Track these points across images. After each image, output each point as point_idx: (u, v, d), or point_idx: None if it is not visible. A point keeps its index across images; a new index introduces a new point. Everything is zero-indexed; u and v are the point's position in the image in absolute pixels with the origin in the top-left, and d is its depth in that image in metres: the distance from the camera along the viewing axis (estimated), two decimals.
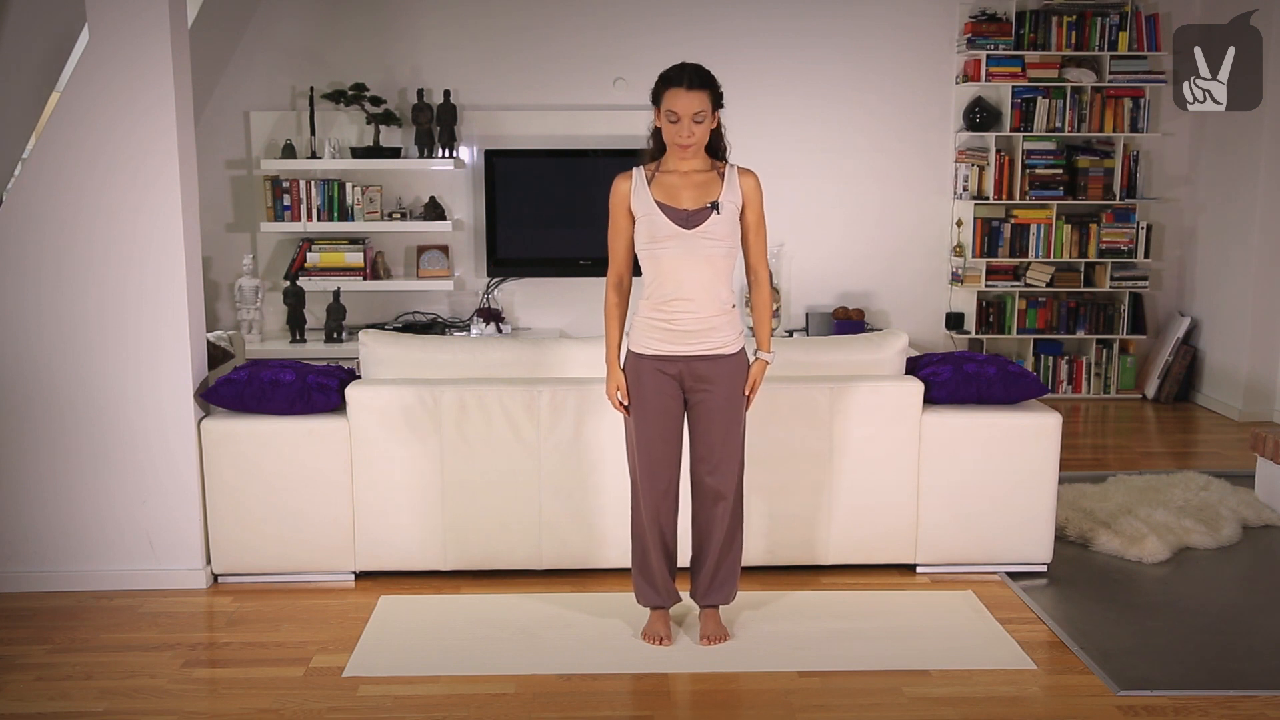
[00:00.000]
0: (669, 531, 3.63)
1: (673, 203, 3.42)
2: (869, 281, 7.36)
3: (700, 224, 3.40)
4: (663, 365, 3.49)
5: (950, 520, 4.18)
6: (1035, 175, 7.11)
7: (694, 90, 3.36)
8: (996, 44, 7.00)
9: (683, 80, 3.37)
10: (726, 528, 3.60)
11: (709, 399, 3.51)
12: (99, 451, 4.08)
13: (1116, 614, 3.91)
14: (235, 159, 7.04)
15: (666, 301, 3.45)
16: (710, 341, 3.47)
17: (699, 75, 3.39)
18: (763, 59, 7.13)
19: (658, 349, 3.48)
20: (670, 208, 3.41)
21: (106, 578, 4.12)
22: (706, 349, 3.47)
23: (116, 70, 3.92)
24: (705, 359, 3.48)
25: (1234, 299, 6.89)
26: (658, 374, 3.49)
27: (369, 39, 7.02)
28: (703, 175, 3.46)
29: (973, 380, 4.16)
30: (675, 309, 3.44)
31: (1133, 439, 6.41)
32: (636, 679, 3.46)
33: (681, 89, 3.36)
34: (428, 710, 3.27)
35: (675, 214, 3.41)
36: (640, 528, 3.61)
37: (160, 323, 4.04)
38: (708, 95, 3.39)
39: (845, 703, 3.31)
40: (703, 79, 3.39)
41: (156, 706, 3.31)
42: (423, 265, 7.10)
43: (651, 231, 3.42)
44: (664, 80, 3.42)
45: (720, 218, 3.41)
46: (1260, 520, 4.82)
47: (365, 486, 4.08)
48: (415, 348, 4.22)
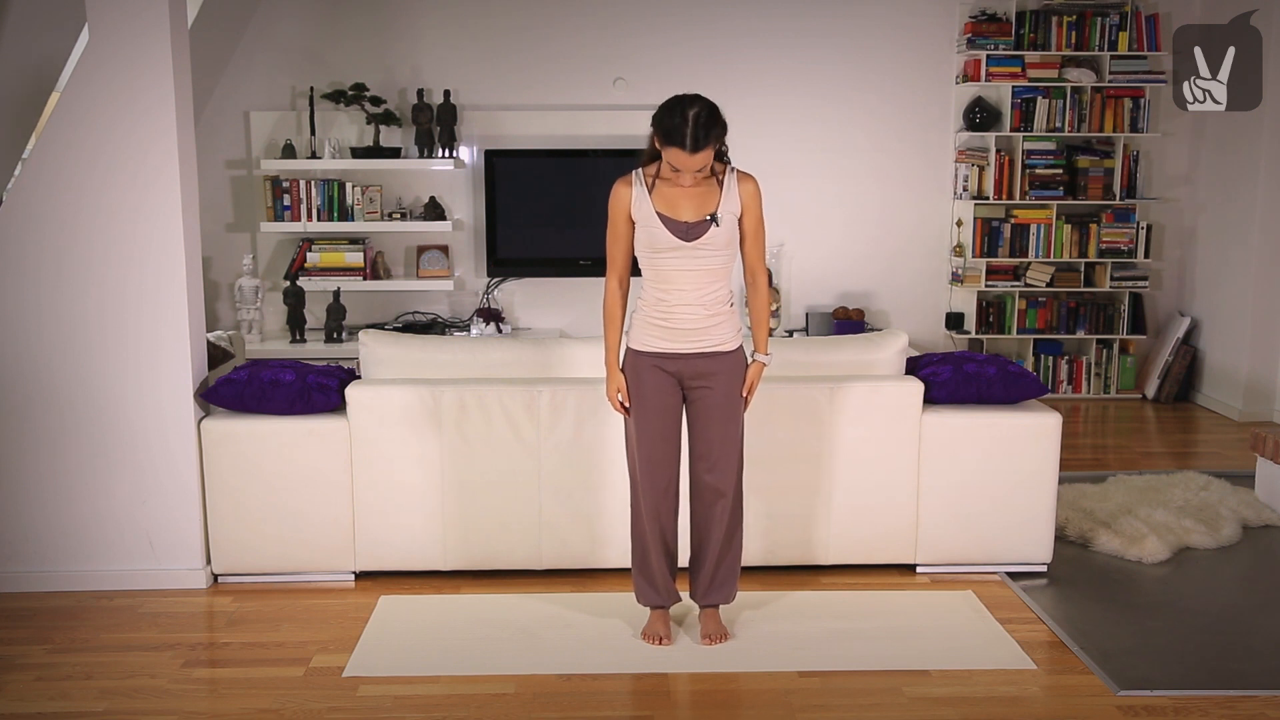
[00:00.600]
0: (669, 531, 3.63)
1: (672, 214, 3.42)
2: (869, 281, 7.36)
3: (699, 236, 3.41)
4: (662, 363, 3.50)
5: (950, 520, 4.18)
6: (1035, 175, 7.11)
7: (697, 152, 3.30)
8: (996, 44, 7.00)
9: (685, 143, 3.28)
10: (726, 526, 3.60)
11: (708, 395, 3.52)
12: (99, 451, 4.08)
13: (1116, 614, 3.91)
14: (235, 159, 7.04)
15: (666, 303, 3.46)
16: (709, 339, 3.48)
17: (704, 134, 3.28)
18: (763, 59, 7.13)
19: (657, 346, 3.49)
20: (670, 219, 3.42)
21: (106, 578, 4.12)
22: (705, 346, 3.49)
23: (116, 70, 3.91)
24: (704, 356, 3.49)
25: (1234, 299, 6.89)
26: (657, 371, 3.50)
27: (369, 39, 7.02)
28: (702, 183, 3.45)
29: (973, 380, 4.16)
30: (674, 309, 3.46)
31: (1133, 439, 6.41)
32: (636, 679, 3.46)
33: (684, 151, 3.29)
34: (428, 710, 3.27)
35: (675, 226, 3.41)
36: (640, 527, 3.61)
37: (160, 323, 4.04)
38: (711, 147, 3.32)
39: (845, 703, 3.31)
40: (706, 134, 3.29)
41: (156, 706, 3.31)
42: (423, 265, 7.10)
43: (651, 242, 3.44)
44: (666, 133, 3.31)
45: (719, 230, 3.42)
46: (1260, 520, 4.82)
47: (365, 486, 4.08)
48: (415, 348, 4.22)
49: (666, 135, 3.32)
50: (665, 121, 3.32)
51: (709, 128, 3.30)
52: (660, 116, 3.34)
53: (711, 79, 7.05)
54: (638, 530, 3.63)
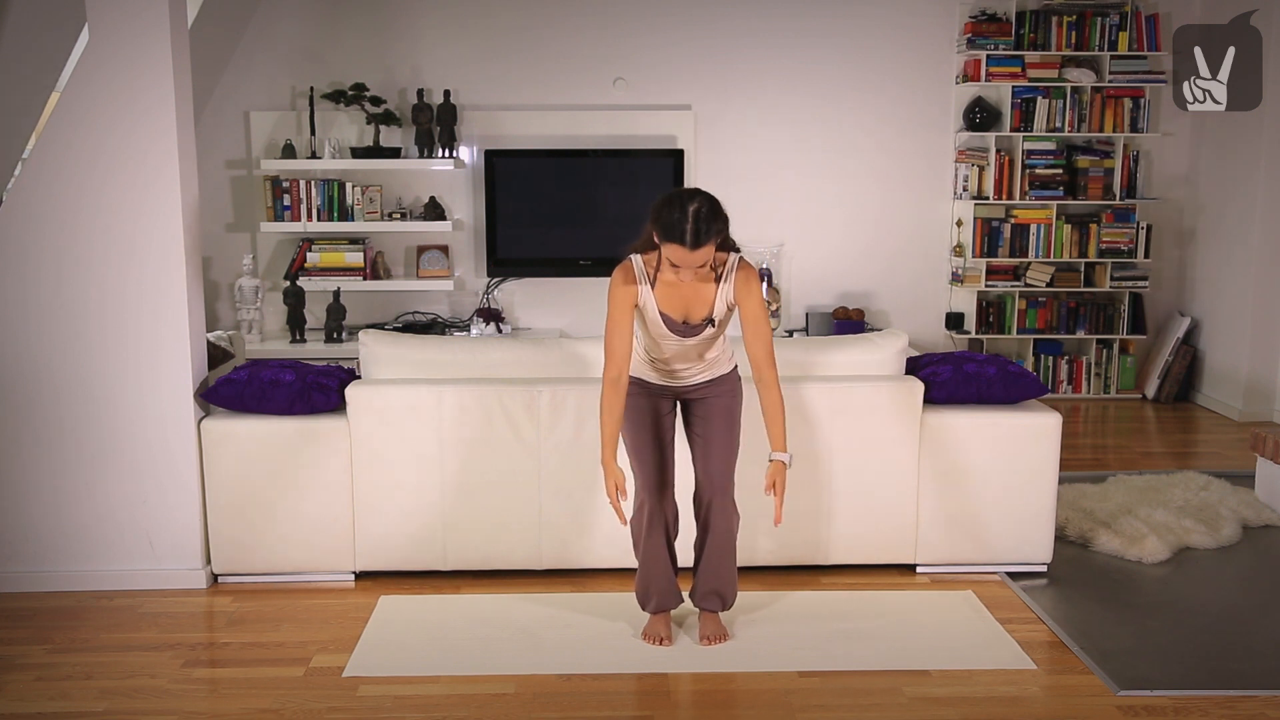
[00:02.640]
0: (669, 534, 3.63)
1: (673, 313, 3.44)
2: (869, 281, 7.36)
3: (698, 334, 3.47)
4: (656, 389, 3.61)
5: (950, 520, 4.18)
6: (1035, 175, 7.11)
7: (697, 249, 3.24)
8: (996, 44, 7.00)
9: (685, 239, 3.21)
10: (726, 530, 3.60)
11: (706, 406, 3.59)
12: (99, 451, 4.08)
13: (1116, 614, 3.91)
14: (235, 159, 7.04)
15: (660, 361, 3.56)
16: (701, 377, 3.59)
17: (705, 229, 3.21)
18: (763, 59, 7.13)
19: (651, 381, 3.59)
20: (671, 319, 3.44)
21: (106, 578, 4.12)
22: (698, 381, 3.59)
23: (116, 70, 3.91)
24: (698, 385, 3.60)
25: (1234, 299, 6.89)
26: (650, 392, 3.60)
27: (369, 39, 7.02)
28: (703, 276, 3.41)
29: (973, 380, 4.16)
30: (670, 366, 3.56)
31: (1133, 439, 6.41)
32: (636, 679, 3.46)
33: (684, 248, 3.23)
34: (428, 710, 3.27)
35: (675, 325, 3.45)
36: (640, 531, 3.62)
37: (160, 323, 4.04)
38: (712, 244, 3.26)
39: (845, 703, 3.31)
40: (707, 231, 3.21)
41: (156, 706, 3.31)
42: (423, 265, 7.10)
43: (650, 329, 3.49)
44: (665, 229, 3.23)
45: (714, 329, 3.49)
46: (1260, 520, 4.82)
47: (365, 486, 4.08)
48: (415, 348, 4.22)
49: (666, 231, 3.24)
50: (665, 216, 3.24)
51: (710, 222, 3.23)
52: (659, 210, 3.26)
53: (711, 79, 7.07)
54: (638, 534, 3.64)
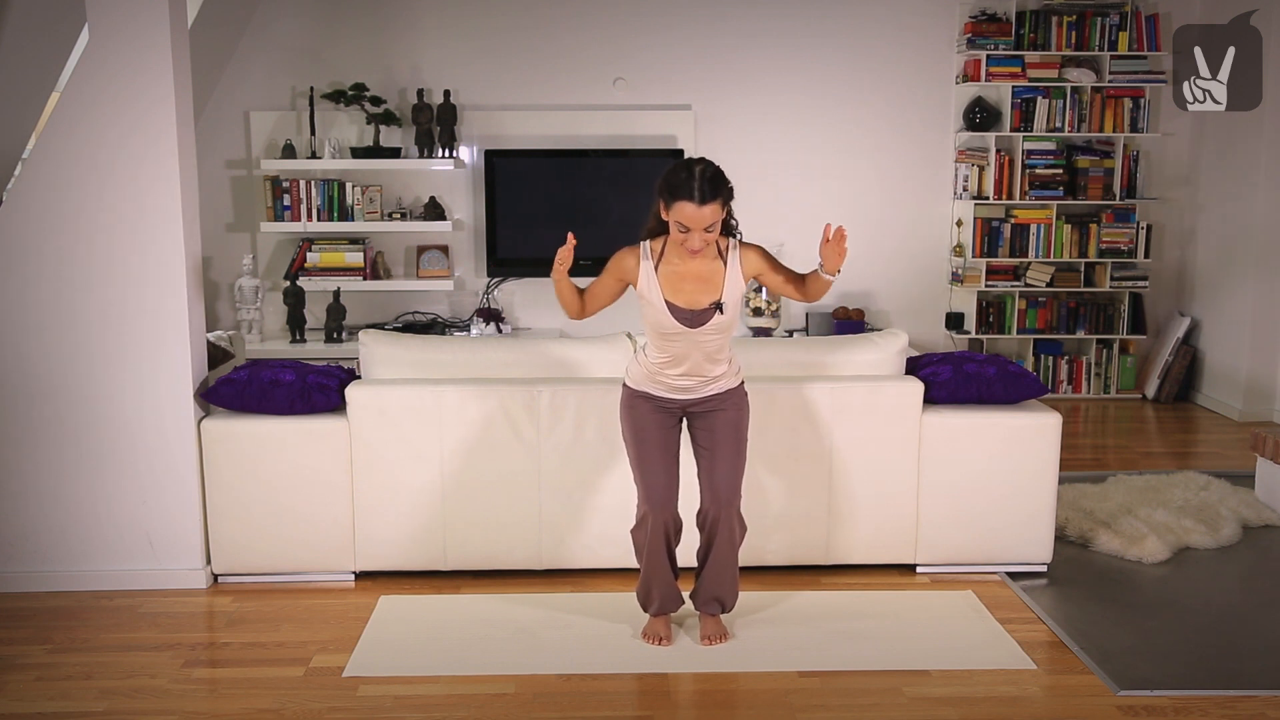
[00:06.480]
0: (671, 537, 3.62)
1: (678, 300, 3.43)
2: (869, 281, 7.36)
3: (705, 323, 3.44)
4: (660, 403, 3.57)
5: (950, 520, 4.18)
6: (1035, 175, 7.11)
7: (705, 205, 3.27)
8: (996, 44, 7.00)
9: (693, 194, 3.26)
10: (729, 534, 3.59)
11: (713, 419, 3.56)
12: (99, 451, 4.08)
13: (1116, 614, 3.91)
14: (235, 159, 7.04)
15: (666, 371, 3.52)
16: (708, 390, 3.56)
17: (711, 187, 3.27)
18: (762, 59, 7.13)
19: (656, 393, 3.56)
20: (677, 307, 3.43)
21: (106, 578, 4.12)
22: (704, 394, 3.56)
23: (116, 70, 3.91)
24: (704, 399, 3.56)
25: (1234, 299, 6.89)
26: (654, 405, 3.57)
27: (369, 39, 7.02)
28: (708, 262, 3.44)
29: (973, 380, 4.16)
30: (676, 374, 3.52)
31: (1133, 439, 6.41)
32: (636, 679, 3.46)
33: (692, 203, 3.27)
34: (428, 710, 3.27)
35: (681, 314, 3.44)
36: (642, 534, 3.61)
37: (160, 322, 4.04)
38: (719, 204, 3.30)
39: (845, 703, 3.31)
40: (714, 189, 3.28)
41: (156, 706, 3.31)
42: (423, 265, 7.10)
43: (657, 324, 3.47)
44: (672, 189, 3.30)
45: (724, 316, 3.45)
46: (1260, 520, 4.82)
47: (365, 486, 4.08)
48: (415, 348, 4.22)
49: (673, 191, 3.29)
50: (672, 178, 3.31)
51: (716, 182, 3.29)
52: (666, 176, 3.33)
53: (712, 79, 7.07)
54: (639, 538, 3.64)
